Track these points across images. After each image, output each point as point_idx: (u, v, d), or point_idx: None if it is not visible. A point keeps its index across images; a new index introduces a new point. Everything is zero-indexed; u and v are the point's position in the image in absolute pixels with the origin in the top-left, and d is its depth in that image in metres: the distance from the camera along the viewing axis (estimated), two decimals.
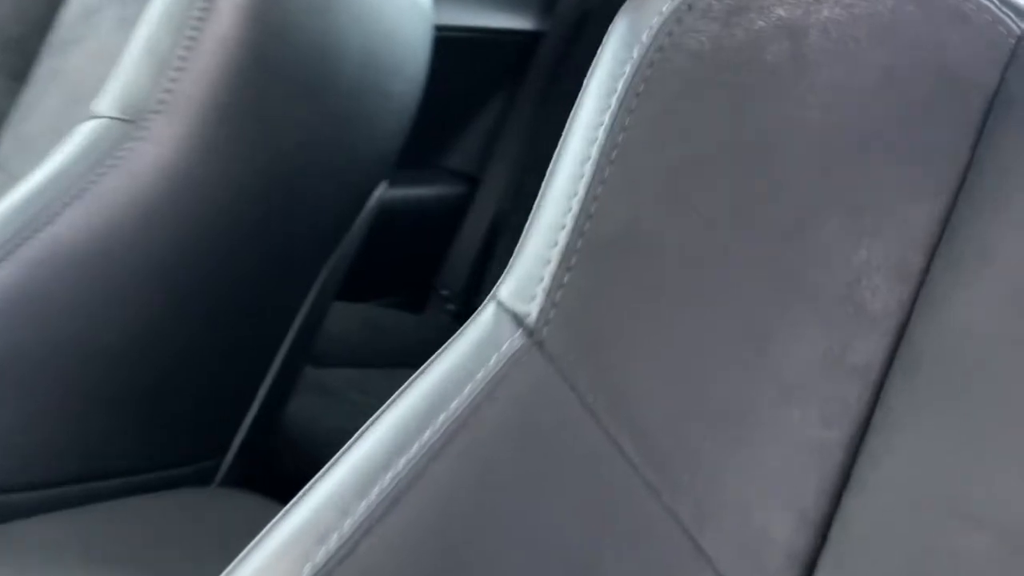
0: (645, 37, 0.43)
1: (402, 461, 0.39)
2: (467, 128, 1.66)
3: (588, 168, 0.43)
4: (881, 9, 0.43)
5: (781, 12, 0.42)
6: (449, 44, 0.93)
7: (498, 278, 0.45)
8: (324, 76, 0.75)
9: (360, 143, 0.81)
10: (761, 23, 0.42)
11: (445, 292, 1.58)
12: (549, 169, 0.46)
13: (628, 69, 0.43)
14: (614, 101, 0.43)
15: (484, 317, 0.43)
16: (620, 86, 0.43)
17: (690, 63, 0.43)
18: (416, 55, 0.86)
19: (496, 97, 1.66)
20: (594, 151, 0.43)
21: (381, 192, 0.86)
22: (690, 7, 0.43)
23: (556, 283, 0.41)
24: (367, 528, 0.38)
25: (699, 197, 0.42)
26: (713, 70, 0.42)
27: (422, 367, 0.43)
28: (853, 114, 0.42)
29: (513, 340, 0.41)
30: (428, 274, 1.60)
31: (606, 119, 0.43)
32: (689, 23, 0.43)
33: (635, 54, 0.43)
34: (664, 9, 0.43)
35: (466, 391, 0.39)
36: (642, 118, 0.43)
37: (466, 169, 1.64)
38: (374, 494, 0.38)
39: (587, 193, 0.42)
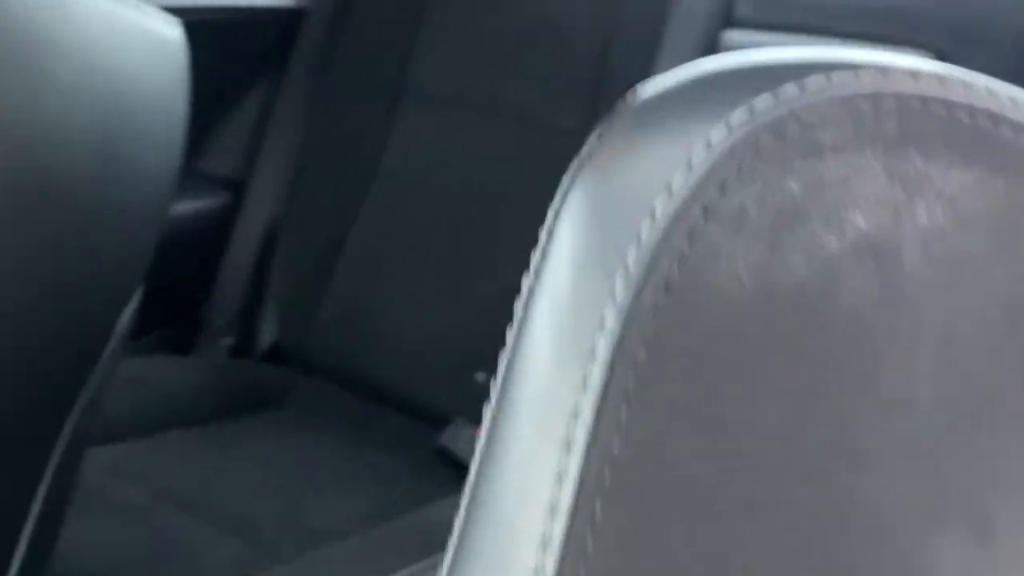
0: (634, 261, 0.25)
1: None
2: (226, 125, 1.42)
3: (559, 527, 0.25)
4: (993, 198, 0.27)
5: (860, 222, 0.26)
6: (198, 28, 0.75)
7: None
8: (51, 171, 0.52)
9: (109, 245, 0.59)
10: (833, 242, 0.25)
11: (217, 323, 1.35)
12: (465, 505, 0.27)
13: (610, 319, 0.25)
14: (595, 381, 0.25)
15: None
16: (601, 349, 0.25)
17: (722, 314, 0.25)
18: (174, 110, 0.64)
19: (257, 86, 1.43)
20: (568, 486, 0.25)
21: (137, 300, 0.64)
22: (706, 212, 0.25)
23: None
24: None
25: (757, 541, 0.25)
26: (762, 325, 0.25)
27: None
28: (969, 378, 0.27)
29: None
30: (194, 304, 1.36)
31: (587, 417, 0.25)
32: (712, 241, 0.25)
33: (620, 292, 0.25)
34: (658, 210, 0.26)
35: None
36: (649, 417, 0.25)
37: (228, 173, 1.41)
38: None
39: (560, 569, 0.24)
